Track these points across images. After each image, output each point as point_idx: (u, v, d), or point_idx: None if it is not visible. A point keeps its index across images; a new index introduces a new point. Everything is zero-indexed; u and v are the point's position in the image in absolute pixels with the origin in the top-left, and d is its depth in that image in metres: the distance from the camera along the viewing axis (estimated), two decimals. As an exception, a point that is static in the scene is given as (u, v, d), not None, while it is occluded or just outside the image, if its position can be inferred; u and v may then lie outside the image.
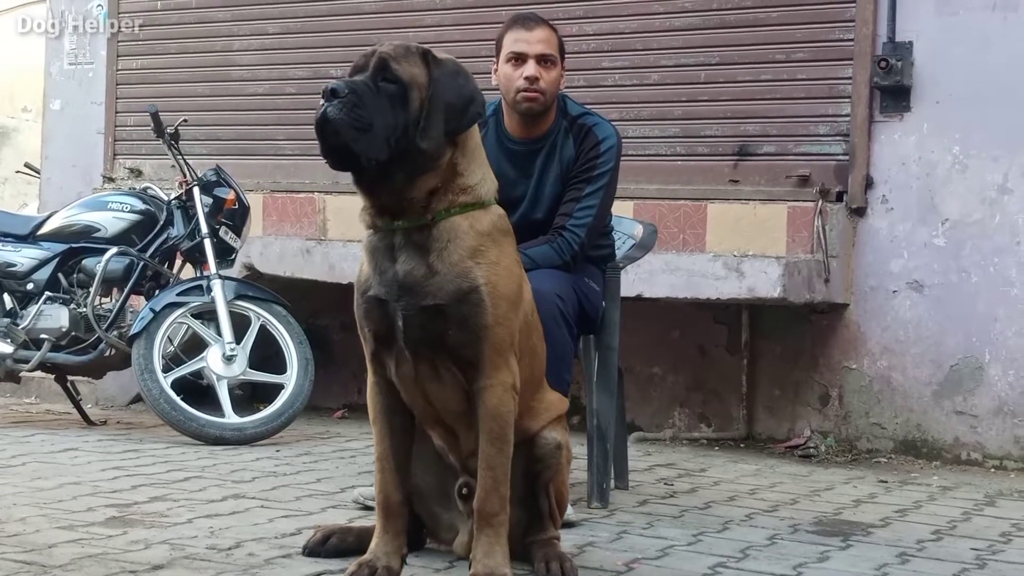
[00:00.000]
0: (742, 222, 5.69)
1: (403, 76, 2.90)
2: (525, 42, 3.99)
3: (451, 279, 2.90)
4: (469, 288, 2.90)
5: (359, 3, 6.74)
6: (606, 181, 4.01)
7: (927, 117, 5.50)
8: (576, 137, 4.03)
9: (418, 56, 2.95)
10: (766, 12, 5.76)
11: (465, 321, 2.90)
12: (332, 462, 4.92)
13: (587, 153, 4.01)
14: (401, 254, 2.92)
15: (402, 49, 2.95)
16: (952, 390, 5.46)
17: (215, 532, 3.47)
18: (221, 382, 5.44)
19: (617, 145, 4.05)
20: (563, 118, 4.06)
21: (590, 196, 3.98)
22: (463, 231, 2.93)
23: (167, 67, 7.29)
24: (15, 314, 5.76)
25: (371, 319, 2.97)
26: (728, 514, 4.06)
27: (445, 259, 2.91)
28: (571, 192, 4.00)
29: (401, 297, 2.91)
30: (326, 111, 2.83)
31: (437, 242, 2.91)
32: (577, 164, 4.01)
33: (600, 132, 4.04)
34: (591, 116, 4.11)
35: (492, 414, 2.95)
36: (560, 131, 4.04)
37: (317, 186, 6.73)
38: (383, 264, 2.94)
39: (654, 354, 6.06)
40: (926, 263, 5.50)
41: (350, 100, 2.82)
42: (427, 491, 3.18)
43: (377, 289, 2.94)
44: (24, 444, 5.13)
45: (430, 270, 2.90)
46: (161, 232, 5.77)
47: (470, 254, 2.92)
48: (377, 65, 2.90)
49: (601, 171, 4.00)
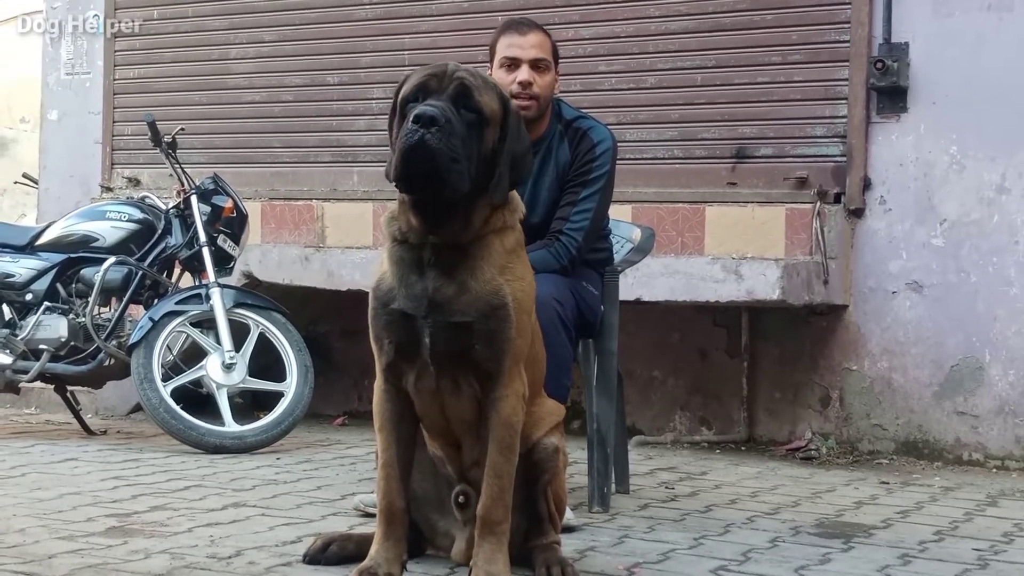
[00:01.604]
0: (740, 224, 5.68)
1: (484, 109, 2.89)
2: (519, 47, 3.98)
3: (483, 296, 2.91)
4: (499, 304, 2.92)
5: (354, 10, 6.74)
6: (602, 184, 4.01)
7: (924, 118, 5.50)
8: (571, 141, 4.03)
9: (495, 91, 2.96)
10: (761, 15, 5.76)
11: (492, 336, 2.91)
12: (332, 469, 4.91)
13: (583, 157, 4.00)
14: (431, 270, 2.91)
15: (480, 79, 2.94)
16: (953, 390, 5.45)
17: (215, 541, 3.46)
18: (221, 390, 5.43)
19: (613, 148, 4.05)
20: (558, 122, 4.06)
21: (587, 200, 3.98)
22: (495, 250, 2.95)
23: (164, 76, 7.30)
24: (14, 325, 5.75)
25: (393, 332, 2.96)
26: (729, 517, 4.05)
27: (479, 277, 2.91)
28: (567, 196, 3.99)
29: (429, 314, 2.90)
30: (424, 138, 2.78)
31: (471, 260, 2.92)
32: (573, 168, 4.01)
33: (595, 135, 4.04)
34: (586, 120, 4.10)
35: (505, 423, 2.96)
36: (555, 135, 4.03)
37: (315, 193, 6.73)
38: (409, 277, 2.93)
39: (654, 357, 6.05)
40: (925, 263, 5.50)
41: (446, 129, 2.80)
42: (425, 498, 3.19)
43: (403, 303, 2.93)
44: (24, 455, 5.13)
45: (461, 288, 2.90)
46: (159, 241, 5.77)
47: (500, 271, 2.94)
48: (459, 91, 2.87)
49: (597, 174, 4.00)
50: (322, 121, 6.81)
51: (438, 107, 2.82)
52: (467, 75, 2.91)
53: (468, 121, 2.87)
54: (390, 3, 6.65)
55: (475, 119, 2.88)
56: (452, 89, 2.88)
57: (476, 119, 2.88)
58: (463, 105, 2.87)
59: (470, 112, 2.87)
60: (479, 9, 6.31)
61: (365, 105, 6.64)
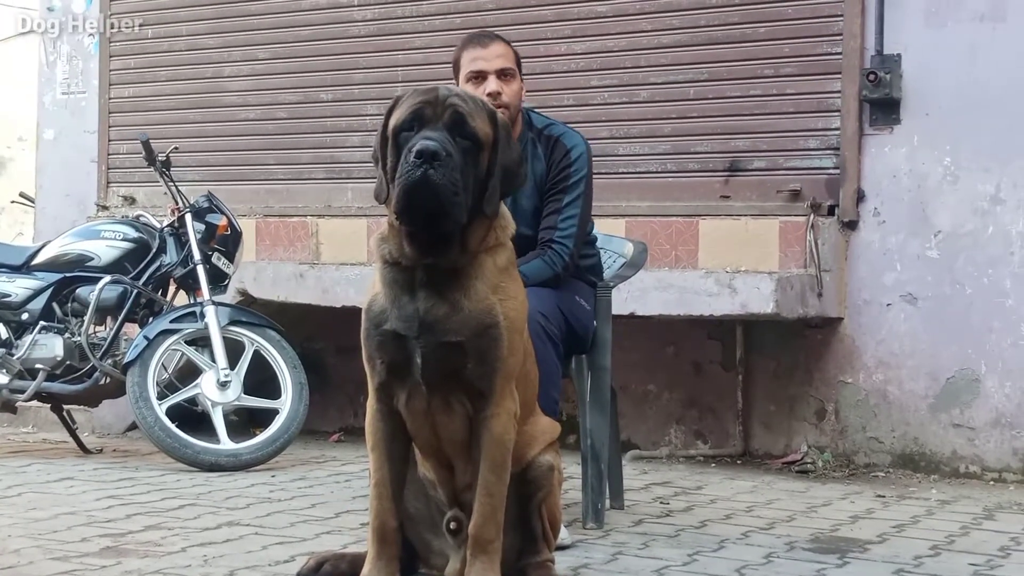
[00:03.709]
0: (734, 238, 5.68)
1: (479, 135, 2.90)
2: (483, 59, 3.99)
3: (475, 315, 2.91)
4: (491, 323, 2.92)
5: (348, 27, 6.75)
6: (583, 189, 4.01)
7: (917, 129, 5.50)
8: (545, 149, 4.04)
9: (486, 113, 2.96)
10: (754, 28, 5.77)
11: (484, 355, 2.92)
12: (327, 487, 4.90)
13: (559, 164, 4.01)
14: (422, 290, 2.92)
15: (472, 103, 2.94)
16: (949, 403, 5.44)
17: (209, 560, 3.46)
18: (216, 408, 5.43)
19: (587, 152, 4.07)
20: (529, 131, 4.06)
21: (570, 206, 3.99)
22: (488, 269, 2.96)
23: (159, 94, 7.31)
24: (10, 344, 5.75)
25: (385, 352, 2.96)
26: (724, 532, 4.04)
27: (471, 296, 2.92)
28: (551, 205, 4.00)
29: (421, 334, 2.91)
30: (428, 175, 2.78)
31: (464, 279, 2.92)
32: (550, 176, 4.02)
33: (568, 141, 4.05)
34: (556, 126, 4.12)
35: (496, 442, 2.96)
36: (527, 143, 4.02)
37: (310, 210, 6.73)
38: (401, 298, 2.93)
39: (649, 371, 6.05)
40: (919, 275, 5.50)
41: (447, 163, 2.80)
42: (419, 517, 3.18)
43: (395, 323, 2.93)
44: (20, 474, 5.12)
45: (454, 308, 2.91)
46: (154, 260, 5.77)
47: (492, 290, 2.95)
48: (454, 120, 2.87)
49: (576, 179, 4.00)
50: (316, 138, 6.82)
51: (438, 140, 2.82)
52: (459, 101, 2.91)
53: (464, 148, 2.87)
54: (383, 20, 6.65)
55: (470, 146, 2.89)
56: (448, 117, 2.87)
57: (471, 146, 2.89)
58: (459, 133, 2.87)
59: (465, 140, 2.88)
60: (472, 25, 6.29)
61: (359, 122, 6.65)
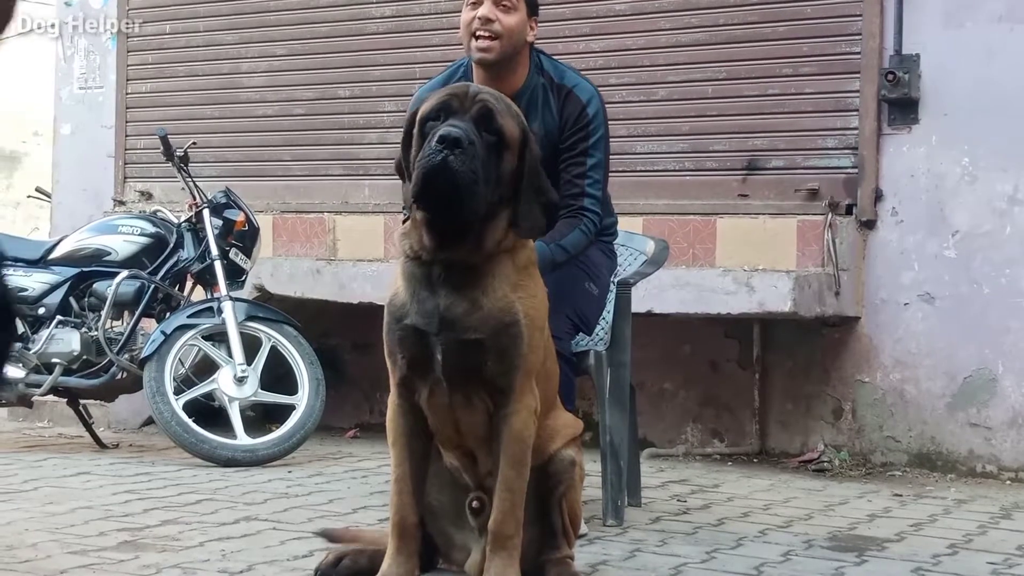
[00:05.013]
0: (752, 236, 5.67)
1: (505, 132, 2.90)
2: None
3: (495, 314, 2.91)
4: (511, 321, 2.92)
5: (365, 24, 6.75)
6: (603, 147, 3.92)
7: (935, 129, 5.48)
8: (557, 99, 3.89)
9: (516, 116, 2.96)
10: (772, 27, 5.76)
11: (504, 352, 2.92)
12: (344, 482, 4.91)
13: (575, 121, 3.87)
14: (442, 287, 2.91)
15: (503, 103, 2.94)
16: (966, 402, 5.43)
17: (227, 555, 3.46)
18: (233, 404, 5.44)
19: (602, 106, 3.94)
20: (540, 75, 3.90)
21: (594, 169, 3.88)
22: (507, 267, 2.95)
23: (176, 90, 7.32)
24: (27, 339, 5.76)
25: (406, 347, 2.96)
26: (742, 530, 4.03)
27: (490, 295, 2.92)
28: (572, 167, 3.87)
29: (441, 331, 2.91)
30: (448, 160, 2.78)
31: (483, 277, 2.92)
32: (565, 133, 3.87)
33: (583, 94, 3.90)
34: (569, 75, 3.94)
35: (516, 438, 2.96)
36: (538, 89, 3.88)
37: (327, 206, 6.74)
38: (421, 293, 2.94)
39: (666, 369, 6.04)
40: (937, 275, 5.48)
41: (470, 151, 2.80)
42: (441, 511, 3.18)
43: (415, 319, 2.94)
44: (37, 468, 5.13)
45: (473, 305, 2.91)
46: (171, 255, 5.79)
47: (512, 288, 2.95)
48: (481, 113, 2.88)
49: (596, 138, 3.89)
50: (333, 134, 6.82)
51: (463, 128, 2.81)
52: (490, 97, 2.92)
53: (488, 144, 2.87)
54: (401, 17, 6.66)
55: (495, 142, 2.89)
56: (476, 111, 2.88)
57: (496, 142, 2.89)
58: (485, 127, 2.87)
59: (491, 135, 2.88)
60: (490, 22, 6.31)
61: (376, 118, 6.65)
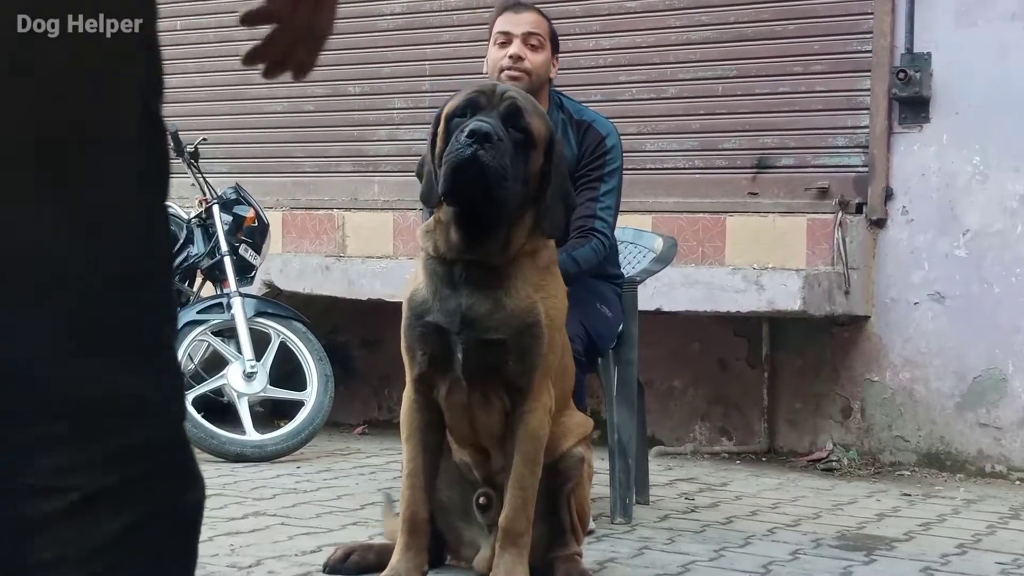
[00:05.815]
0: (761, 235, 5.67)
1: (533, 130, 2.91)
2: (512, 23, 4.00)
3: (517, 314, 2.92)
4: (533, 322, 2.94)
5: (376, 20, 6.75)
6: (618, 178, 4.01)
7: (946, 128, 5.47)
8: (576, 133, 4.01)
9: (543, 116, 2.98)
10: (783, 25, 5.75)
11: (525, 352, 2.93)
12: (352, 479, 4.91)
13: (593, 151, 3.99)
14: (464, 286, 2.92)
15: (530, 102, 2.97)
16: (975, 402, 5.42)
17: (235, 550, 3.47)
18: (241, 399, 5.45)
19: (619, 142, 4.06)
20: (559, 112, 4.03)
21: (607, 195, 3.97)
22: (529, 268, 2.97)
23: (187, 86, 7.32)
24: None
25: (427, 344, 2.97)
26: (750, 529, 4.03)
27: (513, 295, 2.93)
28: (586, 192, 3.96)
29: (463, 330, 2.92)
30: (478, 154, 2.79)
31: (505, 278, 2.93)
32: (583, 162, 3.99)
33: (602, 128, 4.03)
34: (587, 112, 4.10)
35: (531, 436, 2.97)
36: (557, 123, 3.96)
37: (336, 203, 6.74)
38: (443, 291, 2.95)
39: (674, 367, 6.04)
40: (947, 274, 5.47)
41: (498, 147, 2.81)
42: (451, 507, 3.19)
43: (437, 316, 2.94)
44: (46, 463, 5.14)
45: (496, 305, 2.92)
46: (181, 250, 5.79)
47: (534, 289, 2.96)
48: (509, 111, 2.89)
49: (611, 168, 3.99)
50: (343, 131, 6.83)
51: (491, 123, 2.82)
52: (517, 95, 2.94)
53: (516, 141, 2.88)
54: (411, 14, 6.66)
55: (523, 140, 2.90)
56: (503, 108, 2.89)
57: (523, 140, 2.90)
58: (512, 124, 2.88)
59: (518, 132, 2.89)
60: (500, 19, 6.31)
61: (386, 115, 6.65)
